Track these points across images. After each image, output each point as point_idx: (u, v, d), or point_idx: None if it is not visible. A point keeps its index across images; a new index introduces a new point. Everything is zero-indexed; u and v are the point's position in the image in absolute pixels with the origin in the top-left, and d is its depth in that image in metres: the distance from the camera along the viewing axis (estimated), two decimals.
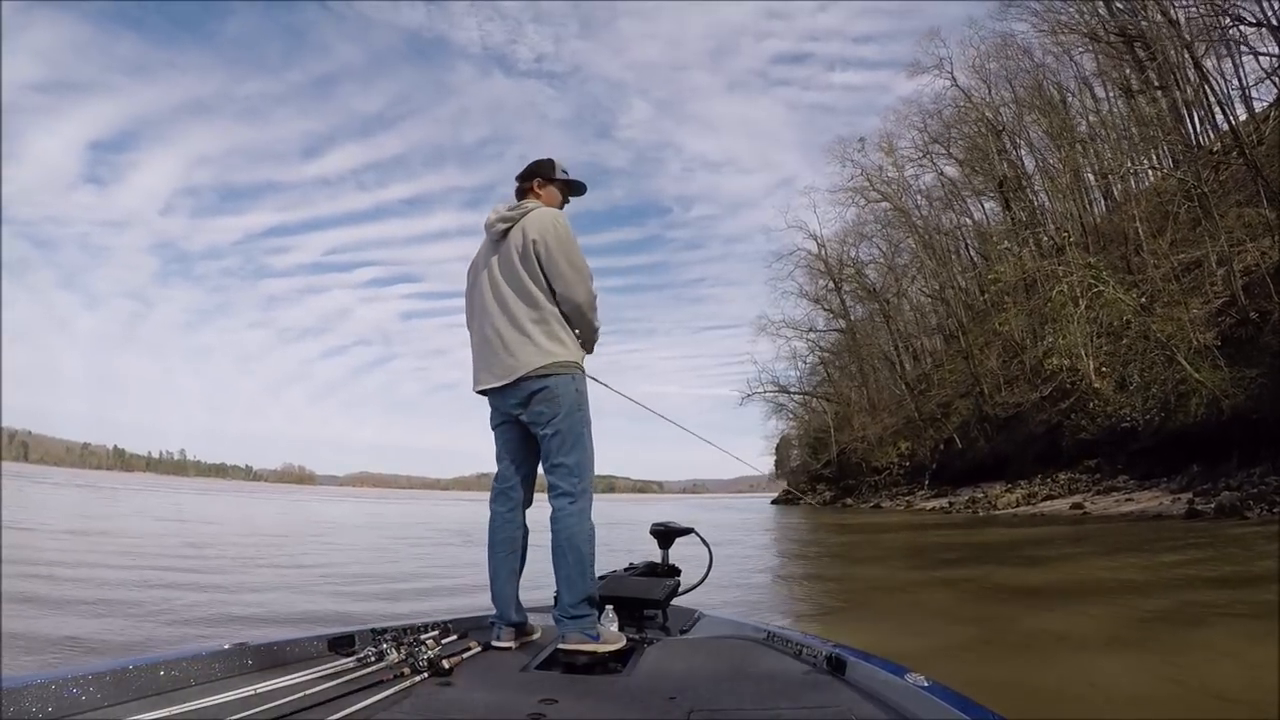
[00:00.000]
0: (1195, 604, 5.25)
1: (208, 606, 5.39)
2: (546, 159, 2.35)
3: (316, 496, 59.64)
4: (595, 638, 1.91)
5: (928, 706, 1.23)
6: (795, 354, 43.10)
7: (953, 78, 33.08)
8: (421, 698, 1.45)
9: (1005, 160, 30.87)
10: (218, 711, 1.25)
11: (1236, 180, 20.87)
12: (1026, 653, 4.09)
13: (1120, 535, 11.23)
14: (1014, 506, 19.34)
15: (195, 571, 7.37)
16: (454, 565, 8.95)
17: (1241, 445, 14.29)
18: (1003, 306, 23.36)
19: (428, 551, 11.52)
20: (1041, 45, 28.74)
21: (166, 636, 4.18)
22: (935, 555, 10.63)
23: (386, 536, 15.16)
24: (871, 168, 37.31)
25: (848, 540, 14.96)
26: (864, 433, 38.00)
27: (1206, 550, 8.27)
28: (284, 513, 25.22)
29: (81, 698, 1.27)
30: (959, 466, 27.53)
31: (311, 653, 1.75)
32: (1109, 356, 16.96)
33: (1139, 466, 17.17)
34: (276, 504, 33.44)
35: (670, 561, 2.76)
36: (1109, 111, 28.55)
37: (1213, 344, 15.51)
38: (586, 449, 2.11)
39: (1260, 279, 16.65)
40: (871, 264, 39.99)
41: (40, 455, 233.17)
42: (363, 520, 23.13)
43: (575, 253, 2.14)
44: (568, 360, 2.10)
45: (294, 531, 15.83)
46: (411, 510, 33.94)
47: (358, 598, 6.22)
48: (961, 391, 30.98)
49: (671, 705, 1.41)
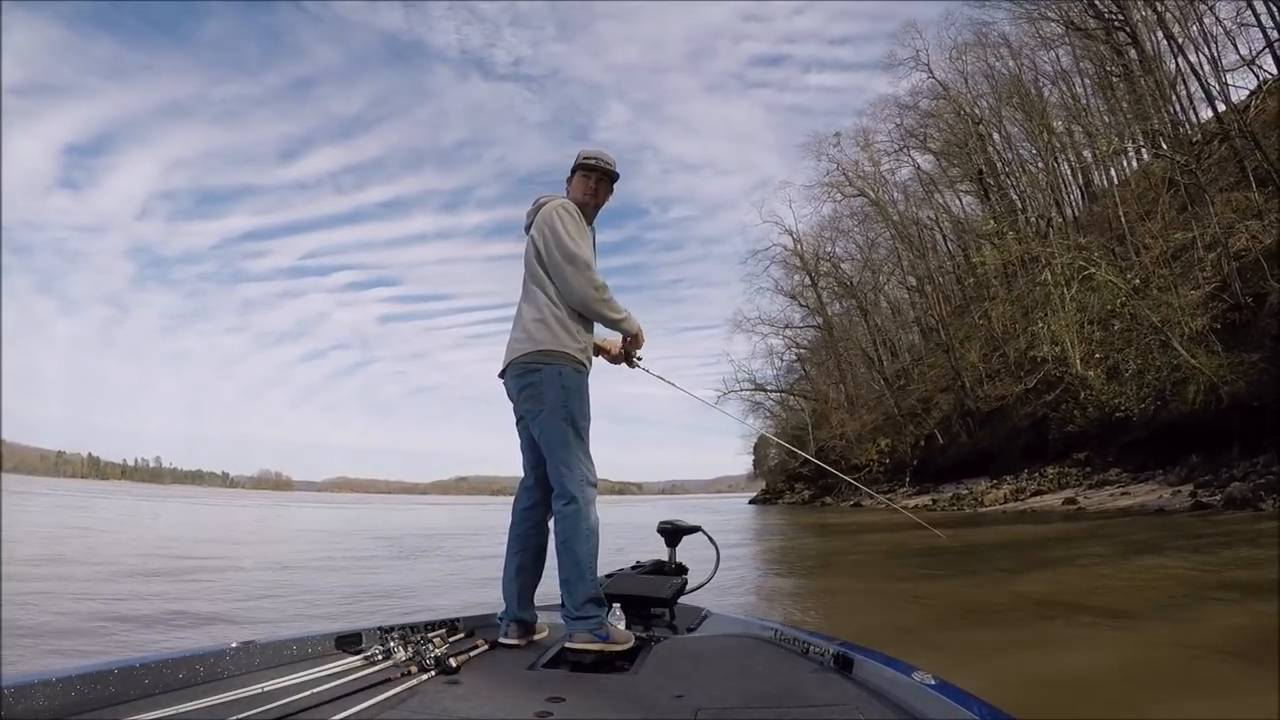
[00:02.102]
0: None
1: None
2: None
3: (282, 503, 57.22)
4: (604, 638, 1.89)
5: (935, 705, 1.21)
6: (771, 351, 42.24)
7: (929, 70, 32.71)
8: (428, 696, 1.45)
9: (983, 151, 30.37)
10: (224, 709, 1.25)
11: (1221, 166, 20.43)
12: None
13: (1128, 532, 10.29)
14: (1002, 503, 18.46)
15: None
16: (288, 593, 6.62)
17: (1242, 434, 13.53)
18: (987, 295, 22.59)
19: (294, 577, 8.68)
20: (1019, 34, 28.41)
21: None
22: (932, 558, 9.58)
23: (297, 550, 13.62)
24: (847, 162, 36.87)
25: (832, 546, 13.91)
26: (842, 430, 37.24)
27: (1237, 549, 7.30)
28: (220, 523, 23.48)
29: (87, 696, 1.25)
30: (941, 463, 26.74)
31: (318, 651, 1.74)
32: (1100, 344, 16.15)
33: (1132, 459, 16.40)
34: (229, 511, 31.51)
35: (677, 560, 2.74)
36: (1087, 103, 28.18)
37: (1210, 325, 14.77)
38: (571, 447, 2.06)
39: (1253, 262, 16.02)
40: (848, 260, 39.48)
41: (14, 464, 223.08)
42: (304, 526, 21.51)
43: (569, 247, 2.09)
44: (552, 349, 2.08)
45: (204, 541, 14.26)
46: (369, 516, 32.27)
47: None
48: (942, 386, 30.27)
49: (679, 703, 1.42)
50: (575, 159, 2.32)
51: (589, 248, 2.19)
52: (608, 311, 2.17)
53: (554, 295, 2.12)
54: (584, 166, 2.29)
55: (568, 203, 2.20)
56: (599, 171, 2.29)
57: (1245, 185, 18.01)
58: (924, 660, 1.49)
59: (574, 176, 2.31)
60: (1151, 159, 19.91)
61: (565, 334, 2.11)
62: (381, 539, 15.31)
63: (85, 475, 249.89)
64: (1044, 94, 29.50)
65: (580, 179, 2.29)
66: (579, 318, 2.15)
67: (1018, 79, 29.61)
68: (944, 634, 4.48)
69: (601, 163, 2.29)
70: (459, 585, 7.59)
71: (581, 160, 2.30)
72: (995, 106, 30.60)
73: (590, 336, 2.23)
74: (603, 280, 2.15)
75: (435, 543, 14.13)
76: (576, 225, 2.15)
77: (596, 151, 2.31)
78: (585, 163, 2.29)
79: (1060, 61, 29.10)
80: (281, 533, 17.89)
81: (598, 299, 2.13)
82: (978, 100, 31.52)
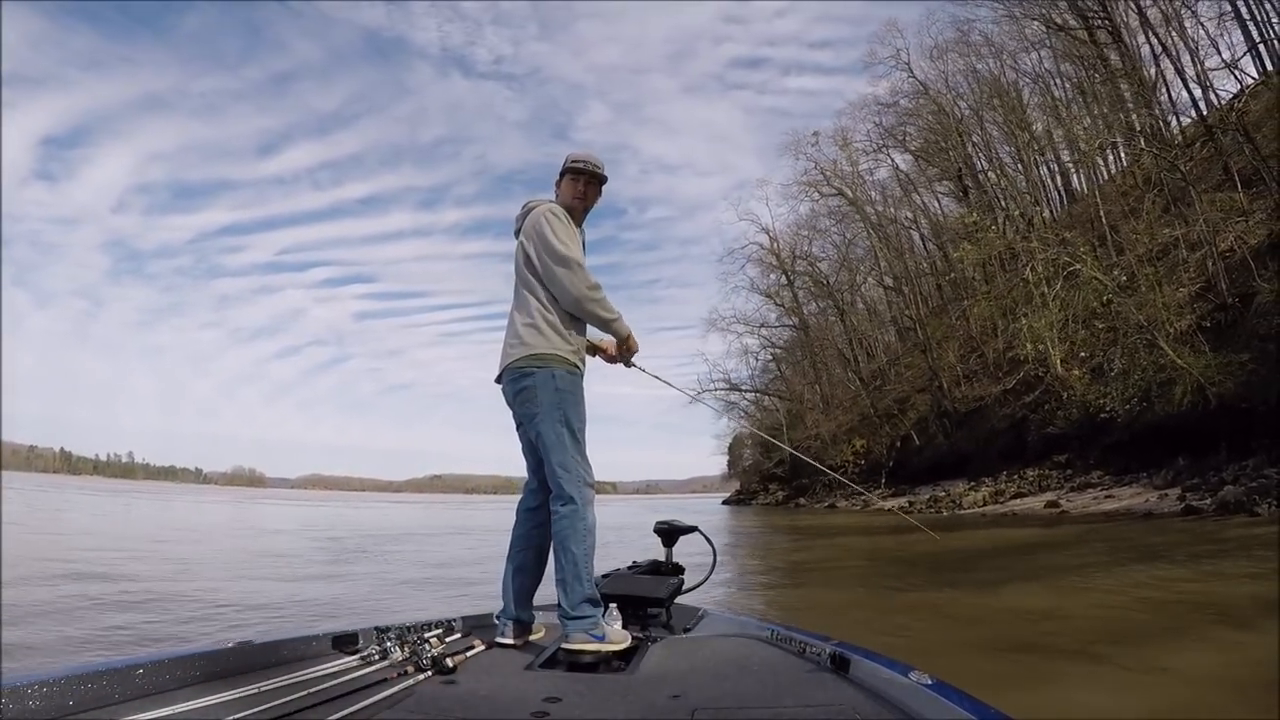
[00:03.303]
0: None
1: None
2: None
3: (247, 499, 55.05)
4: (600, 638, 1.89)
5: (932, 704, 1.21)
6: (746, 350, 41.57)
7: (909, 69, 32.36)
8: (425, 696, 1.45)
9: (962, 149, 30.08)
10: (221, 710, 1.25)
11: (1204, 167, 20.18)
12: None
13: (1120, 537, 9.67)
14: (981, 505, 17.91)
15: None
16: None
17: (1230, 436, 13.08)
18: (966, 294, 22.10)
19: (167, 587, 7.76)
20: (1000, 33, 28.12)
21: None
22: (917, 565, 8.84)
23: (217, 550, 12.40)
24: (826, 162, 36.49)
25: (813, 555, 13.16)
26: (817, 430, 36.74)
27: (1236, 559, 6.64)
28: (160, 519, 22.01)
29: (85, 696, 1.25)
30: (917, 464, 26.28)
31: (315, 651, 1.73)
32: (1085, 343, 15.64)
33: (1115, 461, 15.95)
34: (184, 508, 29.81)
35: (674, 560, 2.73)
36: (1068, 105, 27.96)
37: (1196, 324, 14.34)
38: (567, 448, 2.06)
39: (1239, 262, 15.68)
40: (825, 260, 39.01)
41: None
42: (251, 524, 20.16)
43: (558, 250, 2.10)
44: (544, 353, 2.09)
45: (121, 538, 12.96)
46: (329, 514, 30.86)
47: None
48: (919, 386, 29.86)
49: (675, 704, 1.41)
50: (564, 162, 2.32)
51: (579, 249, 2.18)
52: (601, 311, 2.16)
53: (545, 299, 2.14)
54: (573, 170, 2.29)
55: (555, 206, 2.21)
56: (587, 174, 2.29)
57: (1230, 186, 17.74)
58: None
59: (563, 179, 2.31)
60: (1135, 157, 19.52)
61: (557, 337, 2.11)
62: (326, 539, 14.16)
63: (57, 470, 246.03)
64: (1024, 95, 29.37)
65: (569, 182, 2.29)
66: (571, 320, 2.15)
67: (998, 80, 29.44)
68: (942, 659, 3.66)
69: (590, 166, 2.29)
70: (362, 601, 6.58)
71: (570, 164, 2.30)
72: (975, 106, 30.34)
73: (583, 339, 2.22)
74: (596, 280, 2.13)
75: (380, 545, 13.02)
76: (565, 228, 2.15)
77: (585, 154, 2.31)
78: (574, 166, 2.29)
79: (1042, 63, 29.02)
80: (219, 531, 16.56)
81: (591, 298, 2.12)
82: (958, 100, 31.32)
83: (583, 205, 2.29)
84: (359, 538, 14.74)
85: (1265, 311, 13.79)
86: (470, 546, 13.29)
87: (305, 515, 28.65)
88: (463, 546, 13.40)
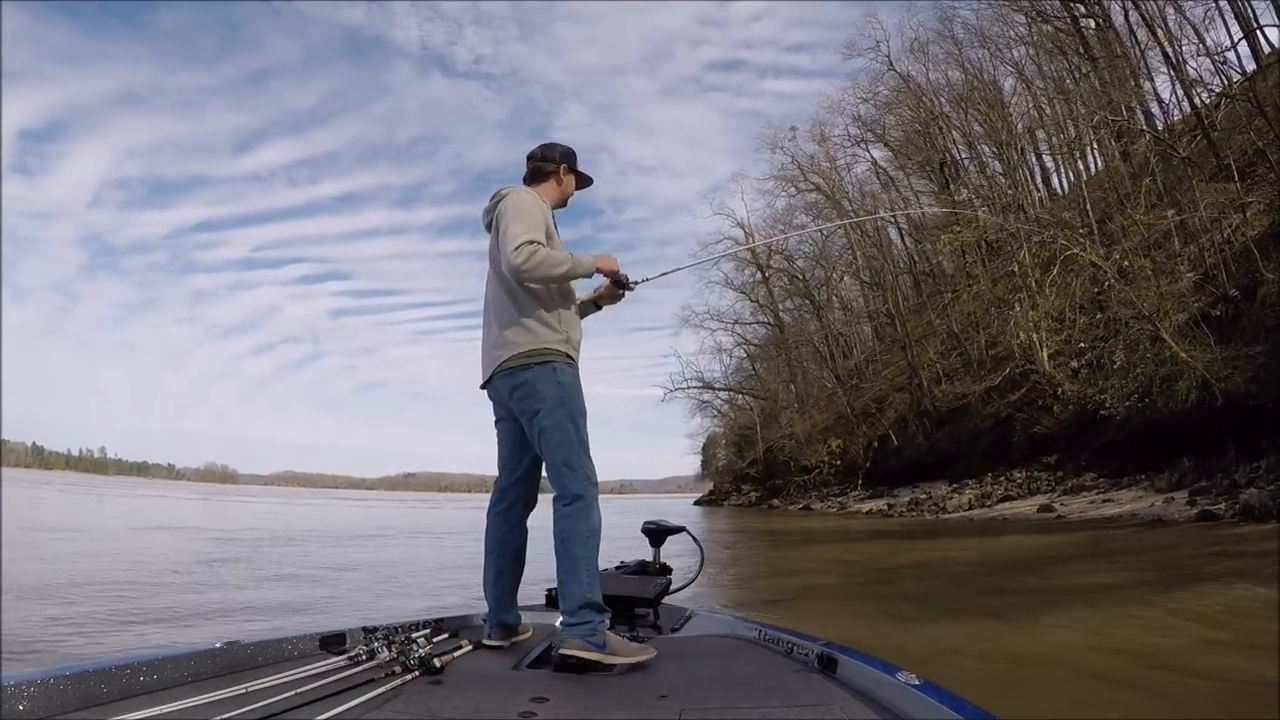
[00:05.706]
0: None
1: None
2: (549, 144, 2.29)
3: (213, 495, 52.05)
4: (599, 646, 1.74)
5: (919, 705, 1.20)
6: (720, 348, 40.37)
7: (890, 61, 31.48)
8: (413, 696, 1.44)
9: (943, 137, 29.30)
10: (209, 710, 1.23)
11: (1198, 160, 19.45)
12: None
13: (1141, 549, 8.51)
14: (966, 509, 16.80)
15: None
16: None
17: (1235, 435, 12.12)
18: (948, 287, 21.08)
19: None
20: (980, 20, 27.33)
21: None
22: (909, 579, 7.56)
23: (108, 551, 10.60)
24: (803, 157, 35.63)
25: (797, 580, 11.87)
26: (792, 430, 35.67)
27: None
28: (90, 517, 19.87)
29: (73, 696, 1.24)
30: (896, 465, 25.24)
31: (303, 651, 1.73)
32: (1083, 332, 14.62)
33: (1109, 463, 14.96)
34: (134, 502, 27.40)
35: (661, 560, 2.70)
36: (1050, 100, 27.30)
37: (1197, 314, 13.41)
38: (572, 445, 1.95)
39: (1239, 252, 14.83)
40: (801, 256, 38.01)
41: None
42: (189, 522, 18.15)
43: (511, 218, 1.94)
44: (538, 348, 1.98)
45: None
46: (288, 512, 28.76)
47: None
48: (898, 385, 28.91)
49: (663, 704, 1.39)
50: (560, 150, 2.27)
51: (532, 221, 1.94)
52: (547, 270, 1.92)
53: (525, 291, 2.01)
54: (580, 175, 2.30)
55: (519, 188, 2.11)
56: (588, 185, 2.36)
57: (1225, 178, 16.98)
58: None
59: (561, 171, 2.24)
60: (1131, 139, 18.66)
61: (544, 328, 1.99)
62: (213, 540, 12.15)
63: (29, 465, 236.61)
64: (1006, 85, 28.66)
65: (569, 181, 2.27)
66: (554, 304, 2.02)
67: (979, 74, 28.68)
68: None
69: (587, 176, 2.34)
70: (182, 620, 5.02)
71: (578, 167, 2.30)
72: (955, 100, 29.58)
73: (574, 317, 2.10)
74: (525, 239, 1.87)
75: (273, 548, 11.15)
76: (522, 206, 1.99)
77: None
78: (584, 173, 2.31)
79: (1026, 55, 28.30)
80: (104, 529, 14.46)
81: (526, 266, 1.88)
82: (938, 93, 30.54)
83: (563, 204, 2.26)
84: (264, 539, 12.87)
85: (1273, 302, 12.89)
86: (371, 551, 11.78)
87: (257, 511, 26.56)
88: (365, 550, 11.82)
